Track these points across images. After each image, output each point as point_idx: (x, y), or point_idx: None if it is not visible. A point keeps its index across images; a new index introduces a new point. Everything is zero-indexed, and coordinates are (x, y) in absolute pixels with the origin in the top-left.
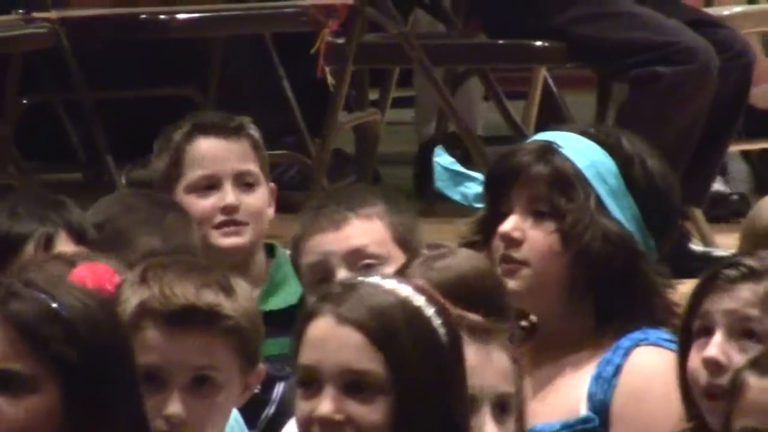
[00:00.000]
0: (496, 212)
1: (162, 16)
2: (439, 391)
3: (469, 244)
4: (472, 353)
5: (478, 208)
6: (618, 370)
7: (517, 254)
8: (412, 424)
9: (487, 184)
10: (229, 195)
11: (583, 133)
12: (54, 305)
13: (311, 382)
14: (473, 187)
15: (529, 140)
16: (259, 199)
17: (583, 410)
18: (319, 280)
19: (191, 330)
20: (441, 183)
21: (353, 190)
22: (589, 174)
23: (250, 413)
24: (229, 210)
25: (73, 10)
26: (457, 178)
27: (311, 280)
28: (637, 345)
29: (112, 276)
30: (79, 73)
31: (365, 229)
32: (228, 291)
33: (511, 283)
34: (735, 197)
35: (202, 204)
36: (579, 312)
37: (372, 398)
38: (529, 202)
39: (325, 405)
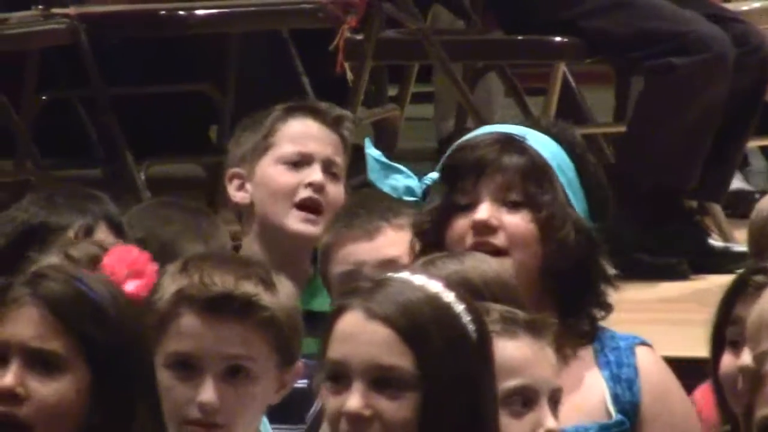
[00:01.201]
0: (453, 203)
1: (181, 12)
2: (467, 388)
3: (421, 234)
4: (527, 347)
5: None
6: (636, 371)
7: (497, 241)
8: (439, 420)
9: (445, 175)
10: (318, 174)
11: (535, 127)
12: (83, 287)
13: (340, 377)
14: (401, 180)
15: (478, 133)
16: (341, 193)
17: (613, 412)
18: None
19: (227, 318)
20: (372, 175)
21: (383, 197)
22: (553, 165)
23: (298, 408)
24: (315, 187)
25: (92, 6)
26: (387, 170)
27: (341, 290)
28: (634, 345)
29: (147, 260)
30: (96, 69)
31: (398, 240)
32: (267, 284)
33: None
34: (757, 196)
35: (290, 174)
36: (543, 303)
37: (400, 394)
38: (500, 191)
39: (354, 400)
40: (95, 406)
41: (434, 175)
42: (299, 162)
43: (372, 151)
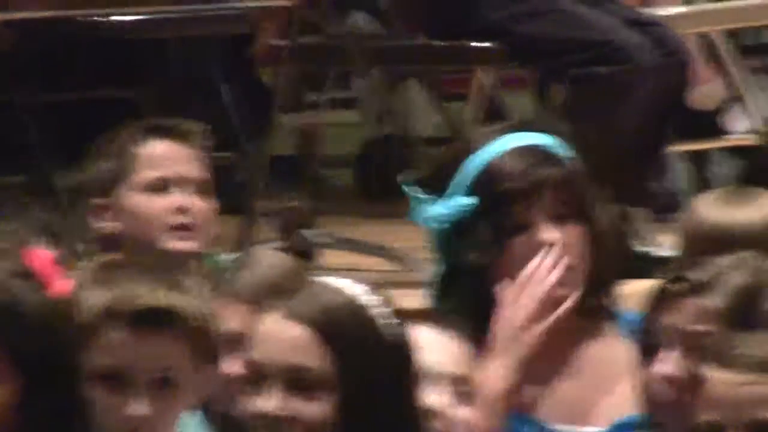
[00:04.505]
0: (508, 226)
1: (100, 18)
2: (385, 389)
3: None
4: None
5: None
6: None
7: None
8: (358, 421)
9: (508, 202)
10: (183, 197)
11: (543, 130)
12: (11, 297)
13: (258, 378)
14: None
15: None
16: (210, 210)
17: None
18: None
19: (155, 331)
20: (414, 213)
21: None
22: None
23: None
24: (182, 211)
25: (15, 12)
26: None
27: None
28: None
29: (56, 266)
30: (16, 75)
31: None
32: (187, 291)
33: (563, 291)
34: (665, 192)
35: (154, 203)
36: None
37: (317, 395)
38: (552, 208)
39: (271, 401)
40: (25, 419)
41: (465, 200)
42: (162, 187)
43: (409, 189)
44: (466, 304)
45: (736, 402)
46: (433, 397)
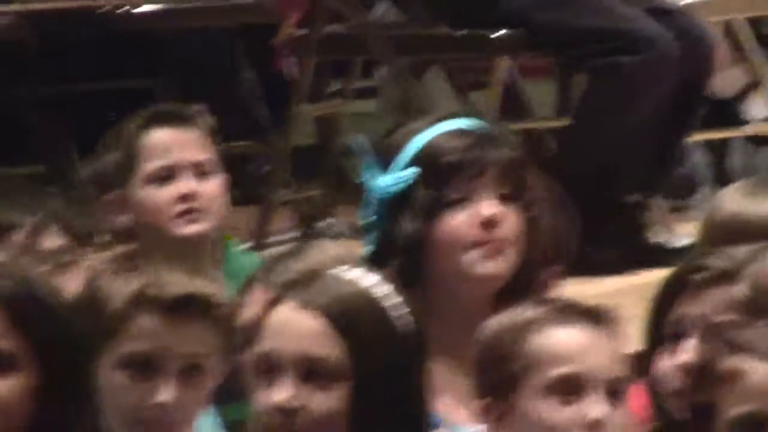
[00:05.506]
0: (441, 200)
1: (120, 9)
2: (398, 381)
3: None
4: (581, 335)
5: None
6: None
7: (501, 234)
8: (369, 412)
9: (450, 175)
10: (187, 184)
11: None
12: (34, 287)
13: (269, 369)
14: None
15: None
16: (217, 186)
17: None
18: None
19: (187, 318)
20: (367, 176)
21: None
22: None
23: None
24: (188, 198)
25: (37, 3)
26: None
27: None
28: None
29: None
30: (39, 66)
31: None
32: (213, 279)
33: (498, 265)
34: (684, 181)
35: (160, 194)
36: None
37: (330, 385)
38: (495, 187)
39: (283, 391)
40: (42, 407)
41: (409, 171)
42: (167, 176)
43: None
44: (400, 275)
45: None
46: None
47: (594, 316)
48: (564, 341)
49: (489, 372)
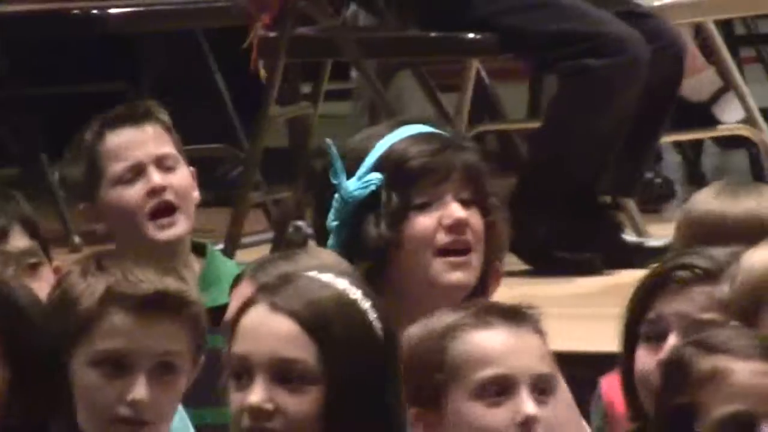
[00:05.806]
0: (407, 205)
1: (94, 12)
2: (372, 384)
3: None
4: (503, 336)
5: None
6: None
7: (468, 238)
8: (342, 415)
9: (412, 179)
10: (153, 177)
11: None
12: (4, 288)
13: (243, 372)
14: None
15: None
16: (184, 178)
17: None
18: None
19: (159, 316)
20: (336, 179)
21: None
22: None
23: None
24: (157, 192)
25: (6, 5)
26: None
27: None
28: None
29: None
30: (10, 68)
31: None
32: (183, 278)
33: (465, 275)
34: (658, 181)
35: (129, 194)
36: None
37: (303, 388)
38: (458, 191)
39: (255, 394)
40: (13, 407)
41: (373, 176)
42: (132, 176)
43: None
44: (366, 280)
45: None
46: None
47: (513, 315)
48: (485, 344)
49: (415, 382)
